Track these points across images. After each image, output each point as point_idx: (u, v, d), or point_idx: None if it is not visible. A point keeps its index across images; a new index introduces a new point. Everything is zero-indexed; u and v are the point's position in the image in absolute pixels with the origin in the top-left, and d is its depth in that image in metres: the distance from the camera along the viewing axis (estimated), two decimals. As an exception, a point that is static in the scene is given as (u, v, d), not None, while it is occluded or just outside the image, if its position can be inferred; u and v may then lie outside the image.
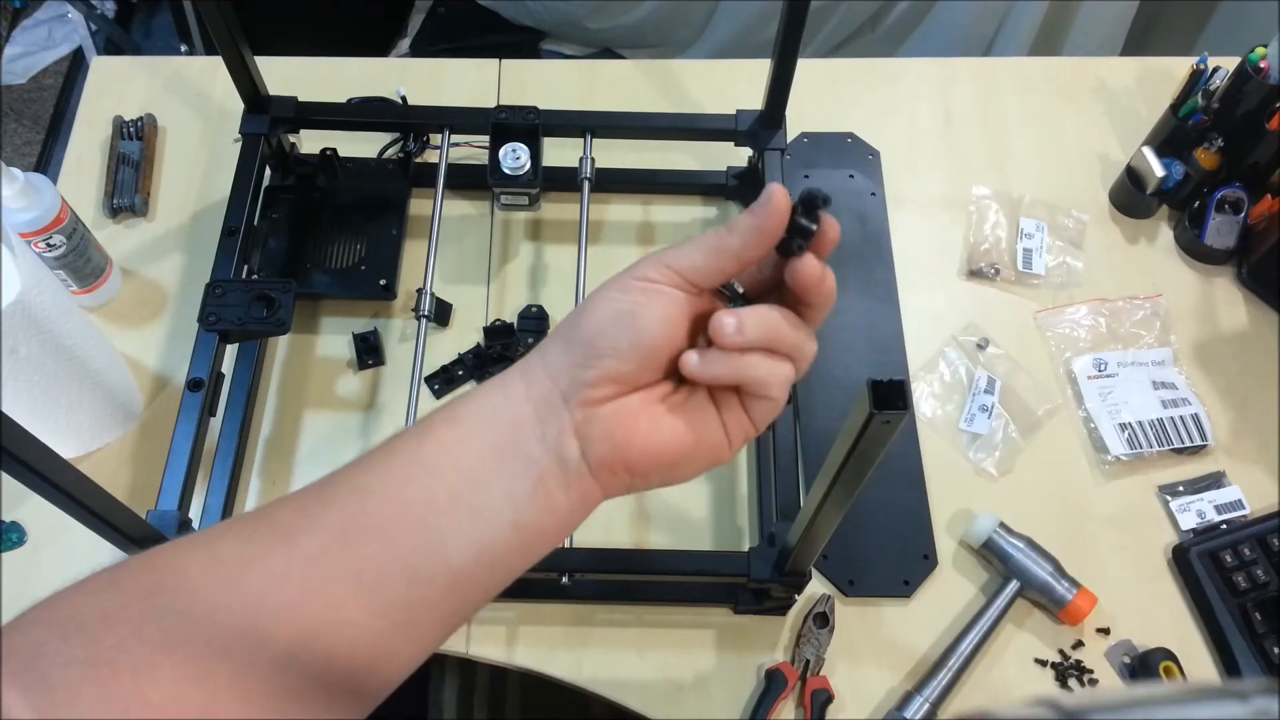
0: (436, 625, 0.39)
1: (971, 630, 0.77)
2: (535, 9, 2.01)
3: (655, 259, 0.39)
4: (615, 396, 0.39)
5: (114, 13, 2.07)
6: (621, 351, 0.38)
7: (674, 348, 0.39)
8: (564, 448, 0.39)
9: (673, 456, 0.40)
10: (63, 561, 0.78)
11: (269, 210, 0.92)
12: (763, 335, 0.39)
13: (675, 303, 0.39)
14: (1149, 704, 0.21)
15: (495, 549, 0.39)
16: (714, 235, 0.39)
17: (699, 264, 0.39)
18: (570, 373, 0.39)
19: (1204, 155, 0.94)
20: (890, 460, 0.84)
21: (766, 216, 0.38)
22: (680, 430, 0.40)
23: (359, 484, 0.39)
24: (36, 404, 0.74)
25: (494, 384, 0.41)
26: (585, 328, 0.39)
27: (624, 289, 0.39)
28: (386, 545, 0.37)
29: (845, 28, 1.88)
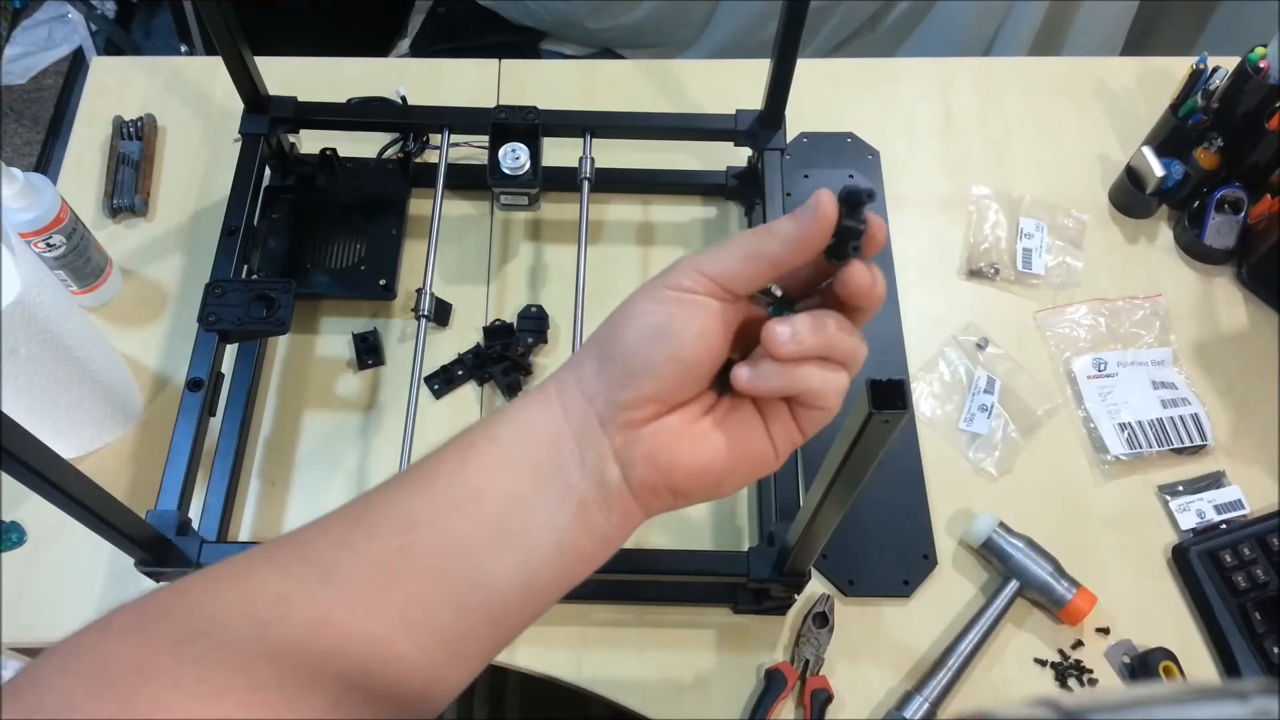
0: (482, 653, 0.39)
1: (971, 630, 0.77)
2: (535, 9, 2.01)
3: (689, 265, 0.37)
4: (655, 417, 0.38)
5: (114, 13, 2.07)
6: (659, 369, 0.37)
7: (714, 359, 0.38)
8: (605, 472, 0.38)
9: (718, 475, 0.39)
10: (63, 561, 0.79)
11: (269, 210, 0.92)
12: (818, 344, 0.37)
13: (711, 312, 0.37)
14: (1149, 704, 0.21)
15: (538, 577, 0.38)
16: (753, 239, 0.37)
17: (736, 271, 0.37)
18: (607, 394, 0.37)
19: (1204, 155, 0.94)
20: (890, 460, 0.84)
21: (813, 223, 0.36)
22: (724, 447, 0.39)
23: (402, 512, 0.37)
24: (36, 404, 0.74)
25: (531, 401, 0.39)
26: (619, 344, 0.37)
27: (657, 299, 0.37)
28: (433, 582, 0.36)
29: (845, 28, 1.88)
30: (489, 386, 0.88)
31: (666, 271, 0.38)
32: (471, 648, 0.38)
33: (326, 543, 0.36)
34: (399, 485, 0.38)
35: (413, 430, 0.76)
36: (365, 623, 0.35)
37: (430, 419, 0.84)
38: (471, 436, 0.39)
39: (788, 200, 0.89)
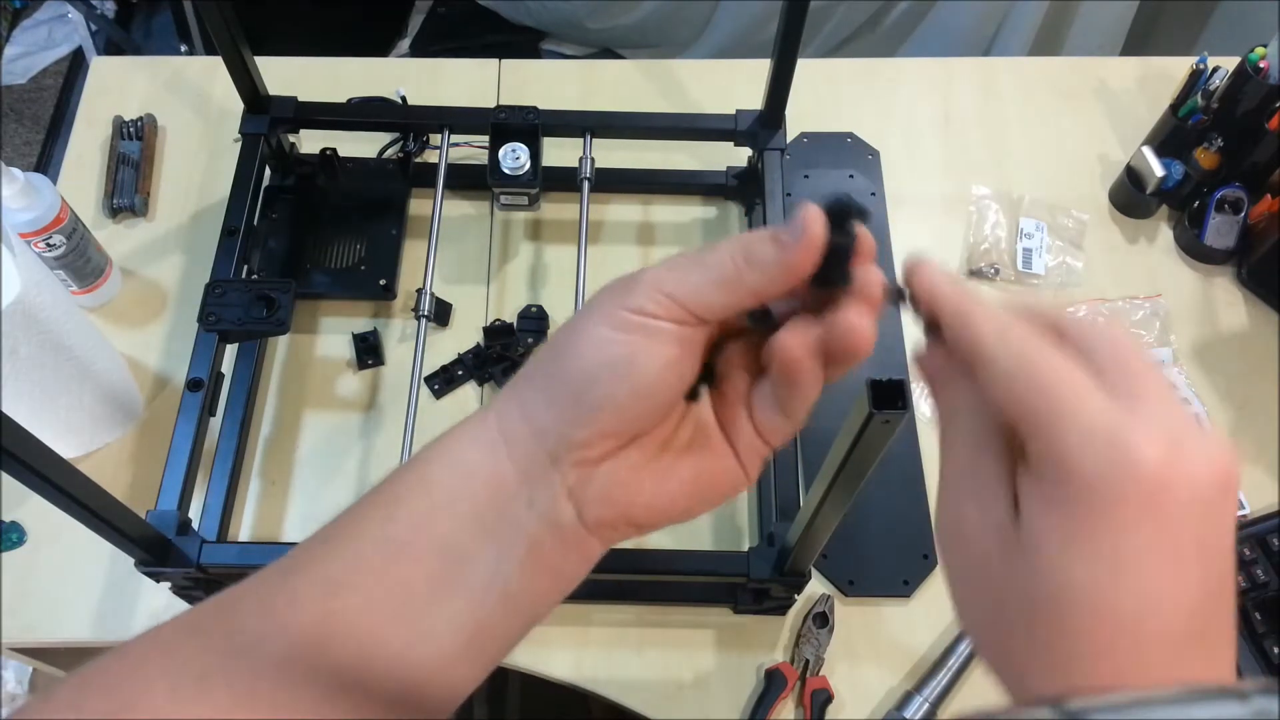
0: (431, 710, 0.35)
1: (971, 630, 0.76)
2: (535, 9, 2.01)
3: (652, 286, 0.32)
4: (613, 453, 0.33)
5: (114, 13, 2.07)
6: (619, 405, 0.32)
7: (682, 388, 0.34)
8: (558, 513, 0.33)
9: (683, 508, 0.35)
10: (63, 561, 0.79)
11: (269, 210, 0.92)
12: None
13: (680, 341, 0.32)
14: (1149, 704, 0.21)
15: (489, 627, 0.34)
16: (730, 264, 0.32)
17: (709, 301, 0.32)
18: (559, 430, 0.33)
19: (1204, 155, 0.94)
20: (890, 460, 0.84)
21: (799, 251, 0.31)
22: (689, 477, 0.35)
23: (325, 576, 0.34)
24: (36, 404, 0.74)
25: (466, 436, 0.35)
26: (573, 376, 0.33)
27: (617, 325, 0.32)
28: (363, 646, 0.33)
29: (845, 28, 1.88)
30: (489, 387, 0.88)
31: (625, 289, 0.33)
32: (420, 699, 0.34)
33: (249, 610, 0.34)
34: (325, 542, 0.35)
35: (413, 431, 0.76)
36: (293, 692, 0.32)
37: (430, 419, 0.84)
38: (398, 487, 0.35)
39: (788, 200, 0.89)
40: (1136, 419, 0.28)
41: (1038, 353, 0.30)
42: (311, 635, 0.33)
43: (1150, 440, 0.28)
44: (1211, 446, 0.28)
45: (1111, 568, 0.28)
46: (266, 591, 0.34)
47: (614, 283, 0.34)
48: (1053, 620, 0.29)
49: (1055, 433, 0.28)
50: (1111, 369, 0.29)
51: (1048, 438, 0.29)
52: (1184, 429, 0.28)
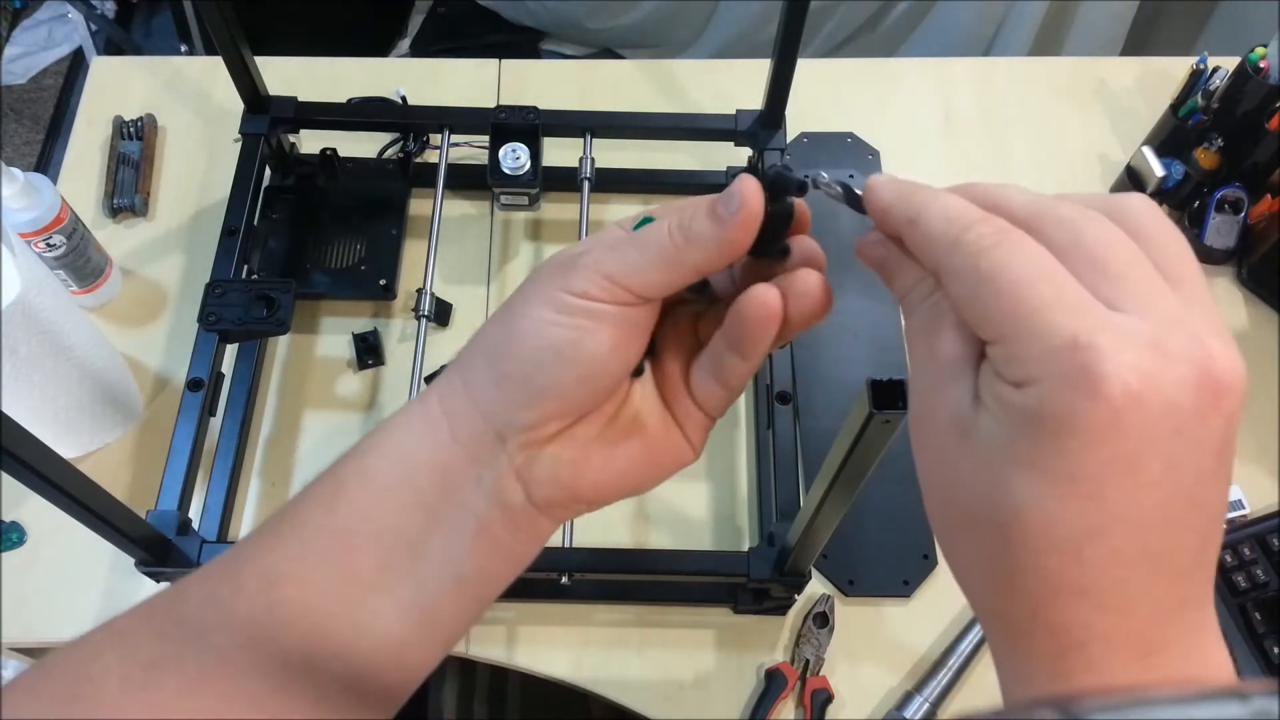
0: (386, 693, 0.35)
1: (971, 630, 0.77)
2: (535, 9, 2.01)
3: (593, 268, 0.32)
4: (559, 433, 0.33)
5: (114, 13, 2.07)
6: (565, 389, 0.32)
7: (629, 367, 0.34)
8: (506, 493, 0.33)
9: (631, 483, 0.36)
10: (63, 561, 0.79)
11: (269, 210, 0.92)
12: None
13: (623, 323, 0.32)
14: (1149, 704, 0.21)
15: (440, 610, 0.34)
16: (666, 241, 0.32)
17: (651, 281, 0.32)
18: (506, 413, 0.33)
19: (1204, 155, 0.94)
20: (890, 460, 0.84)
21: (737, 228, 0.31)
22: (635, 453, 0.35)
23: (267, 567, 0.34)
24: (36, 404, 0.74)
25: (408, 421, 0.34)
26: (518, 359, 0.32)
27: (559, 308, 0.32)
28: (309, 636, 0.33)
29: (845, 28, 1.88)
30: (489, 386, 0.88)
31: (565, 271, 0.33)
32: (371, 687, 0.35)
33: (200, 600, 0.34)
34: (270, 533, 0.35)
35: (413, 430, 0.76)
36: (239, 681, 0.33)
37: (430, 419, 0.84)
38: (340, 474, 0.35)
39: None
40: (1110, 326, 0.25)
41: (1001, 254, 0.27)
42: (257, 625, 0.33)
43: (1120, 351, 0.25)
44: (1201, 353, 0.26)
45: (1059, 488, 0.26)
46: (213, 583, 0.34)
47: (553, 261, 0.34)
48: (994, 530, 0.27)
49: (1018, 341, 0.26)
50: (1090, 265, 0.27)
51: (1011, 346, 0.27)
52: (1170, 332, 0.26)
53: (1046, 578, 0.27)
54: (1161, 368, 0.25)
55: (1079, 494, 0.26)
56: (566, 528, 0.74)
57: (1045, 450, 0.26)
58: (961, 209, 0.29)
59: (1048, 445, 0.26)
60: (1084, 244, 0.27)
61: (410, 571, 0.34)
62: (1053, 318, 0.26)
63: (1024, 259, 0.27)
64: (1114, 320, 0.26)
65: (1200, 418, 0.26)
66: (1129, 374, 0.25)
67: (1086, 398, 0.25)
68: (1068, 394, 0.25)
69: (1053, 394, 0.26)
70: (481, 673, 1.30)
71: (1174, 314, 0.26)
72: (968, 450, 0.28)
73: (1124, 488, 0.26)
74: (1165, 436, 0.25)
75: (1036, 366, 0.26)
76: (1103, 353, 0.25)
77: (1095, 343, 0.25)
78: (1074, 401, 0.25)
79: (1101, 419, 0.25)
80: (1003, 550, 0.27)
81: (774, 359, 0.79)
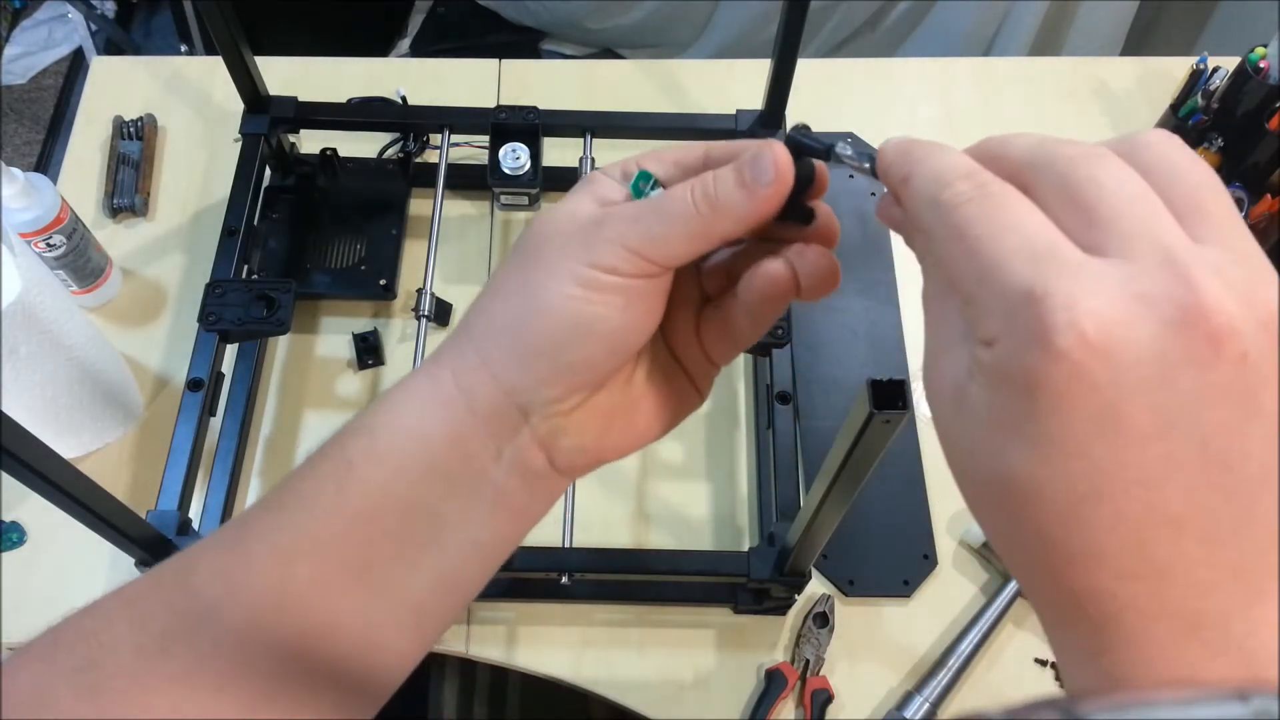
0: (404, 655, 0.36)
1: (971, 630, 0.77)
2: (535, 9, 2.02)
3: (617, 242, 0.31)
4: (584, 401, 0.34)
5: (114, 13, 2.07)
6: (595, 362, 0.32)
7: (649, 334, 0.34)
8: (528, 462, 0.33)
9: (648, 437, 0.36)
10: (63, 561, 0.79)
11: (269, 210, 0.92)
12: None
13: (649, 293, 0.32)
14: (1149, 704, 0.21)
15: (458, 573, 0.35)
16: (692, 211, 0.31)
17: (678, 253, 0.32)
18: (531, 388, 0.32)
19: (1204, 155, 0.94)
20: (890, 460, 0.84)
21: (771, 200, 0.31)
22: (652, 409, 0.36)
23: (280, 542, 0.33)
24: (36, 404, 0.74)
25: (420, 395, 0.34)
26: (543, 335, 0.32)
27: (585, 283, 0.31)
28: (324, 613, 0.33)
29: (845, 28, 1.88)
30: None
31: (586, 242, 0.32)
32: (388, 657, 0.35)
33: (209, 574, 0.33)
34: (276, 509, 0.34)
35: (413, 430, 0.76)
36: (254, 656, 0.33)
37: (430, 419, 0.84)
38: (348, 451, 0.34)
39: (788, 200, 0.89)
40: (1073, 273, 0.24)
41: (975, 208, 0.26)
42: (269, 602, 0.33)
43: (1079, 299, 0.23)
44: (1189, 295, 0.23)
45: (1040, 450, 0.24)
46: (222, 557, 0.34)
47: (568, 229, 0.33)
48: (1000, 500, 0.26)
49: (982, 296, 0.25)
50: (1079, 208, 0.25)
51: (976, 303, 0.25)
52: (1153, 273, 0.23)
53: (1054, 546, 0.25)
54: (1130, 313, 0.23)
55: (1062, 455, 0.24)
56: (566, 528, 0.74)
57: (1018, 412, 0.25)
58: (950, 165, 0.28)
59: (1018, 407, 0.24)
60: (1071, 185, 0.25)
61: (429, 540, 0.33)
62: (1013, 270, 0.24)
63: (993, 210, 0.26)
64: (1082, 266, 0.24)
65: (1196, 366, 0.23)
66: (1086, 322, 0.23)
67: (1040, 352, 0.23)
68: (1024, 350, 0.24)
69: (1012, 352, 0.24)
70: (481, 673, 1.30)
71: (1170, 253, 0.24)
72: (965, 419, 0.27)
73: (1110, 445, 0.24)
74: (1148, 388, 0.23)
75: (997, 323, 0.25)
76: (1055, 303, 0.23)
77: (1049, 291, 0.23)
78: (1029, 358, 0.24)
79: (1062, 374, 0.23)
80: (1011, 520, 0.26)
81: (774, 359, 0.79)
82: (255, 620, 0.33)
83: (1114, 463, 0.24)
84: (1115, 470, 0.24)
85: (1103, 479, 0.24)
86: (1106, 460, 0.24)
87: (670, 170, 0.35)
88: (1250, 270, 0.24)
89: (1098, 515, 0.24)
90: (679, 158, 0.35)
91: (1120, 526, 0.24)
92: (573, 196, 0.35)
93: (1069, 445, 0.24)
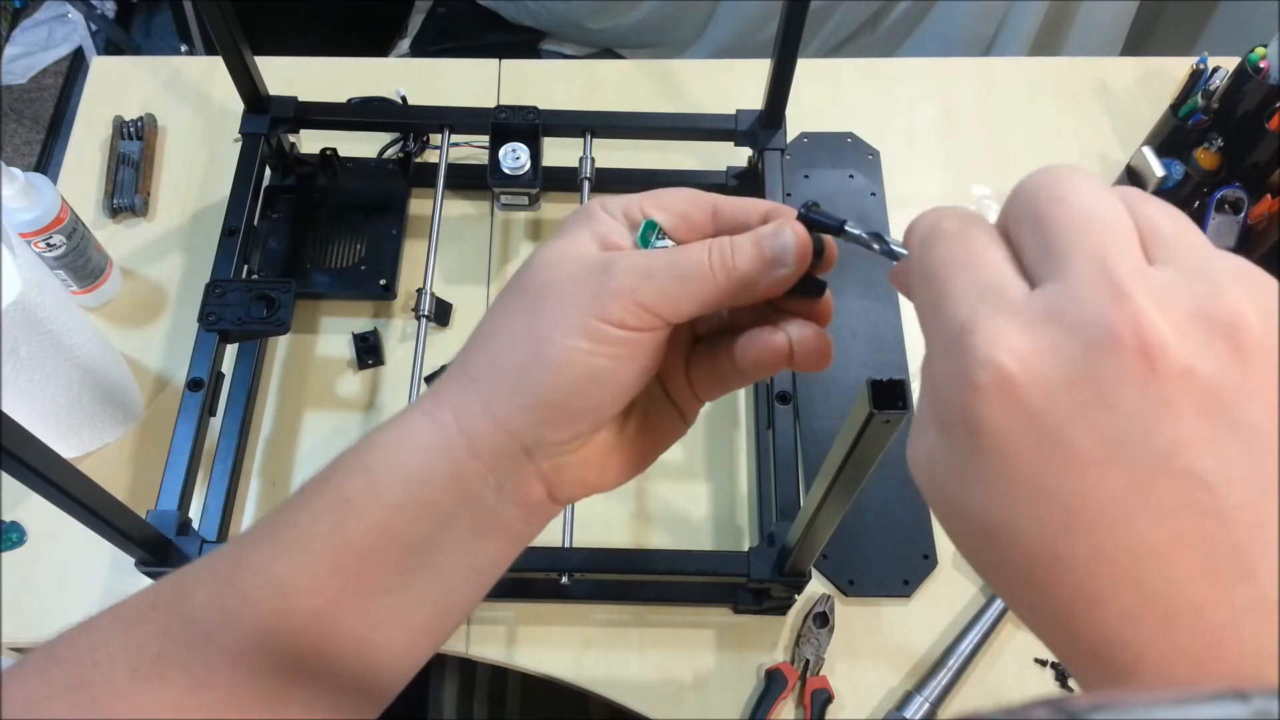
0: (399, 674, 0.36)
1: (971, 630, 0.77)
2: (535, 9, 2.01)
3: (629, 297, 0.32)
4: (587, 440, 0.34)
5: (114, 13, 2.07)
6: (602, 410, 0.33)
7: (650, 378, 0.35)
8: (527, 495, 0.34)
9: (639, 467, 0.37)
10: (63, 561, 0.79)
11: (269, 210, 0.92)
12: None
13: (657, 345, 0.33)
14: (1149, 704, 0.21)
15: (455, 596, 0.36)
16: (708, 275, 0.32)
17: (687, 311, 0.32)
18: (536, 433, 0.33)
19: (1204, 155, 0.94)
20: (890, 460, 0.84)
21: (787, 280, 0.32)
22: (646, 442, 0.37)
23: (274, 576, 0.33)
24: (36, 404, 0.74)
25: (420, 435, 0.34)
26: (555, 388, 0.32)
27: (594, 337, 0.32)
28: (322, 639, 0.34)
29: (845, 28, 1.88)
30: (489, 386, 0.88)
31: (598, 296, 0.32)
32: (383, 676, 0.36)
33: (204, 601, 0.34)
34: (270, 541, 0.34)
35: (413, 430, 0.76)
36: (246, 682, 0.33)
37: (430, 419, 0.84)
38: (345, 491, 0.34)
39: (788, 200, 0.89)
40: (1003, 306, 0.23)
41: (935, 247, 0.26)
42: (266, 631, 0.33)
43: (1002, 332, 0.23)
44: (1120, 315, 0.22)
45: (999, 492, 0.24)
46: (217, 587, 0.34)
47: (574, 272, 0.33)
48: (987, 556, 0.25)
49: (927, 342, 0.25)
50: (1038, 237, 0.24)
51: (927, 347, 0.25)
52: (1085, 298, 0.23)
53: (1047, 592, 0.24)
54: (1052, 339, 0.23)
55: (1022, 493, 0.23)
56: (567, 528, 0.74)
57: (968, 456, 0.24)
58: (950, 209, 0.28)
59: (967, 449, 0.24)
60: (1038, 208, 0.25)
61: (426, 570, 0.34)
62: (953, 307, 0.24)
63: (958, 248, 0.25)
64: (1016, 300, 0.24)
65: (1132, 383, 0.22)
66: (1004, 355, 0.23)
67: (967, 389, 0.23)
68: (958, 389, 0.24)
69: (950, 393, 0.24)
70: (481, 673, 1.30)
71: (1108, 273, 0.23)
72: (936, 479, 0.26)
73: (1063, 475, 0.23)
74: (1087, 411, 0.22)
75: (937, 363, 0.24)
76: (978, 338, 0.23)
77: (976, 326, 0.23)
78: (961, 395, 0.23)
79: (991, 409, 0.23)
80: (1004, 573, 0.25)
81: (774, 359, 0.79)
82: (250, 648, 0.33)
83: (1074, 494, 0.23)
84: (1079, 502, 0.23)
85: (1069, 514, 0.23)
86: (1065, 492, 0.23)
87: (676, 221, 0.35)
88: (1211, 286, 0.23)
89: (1076, 553, 0.23)
90: (685, 209, 0.35)
91: (1103, 563, 0.23)
92: (573, 232, 0.34)
93: (1022, 482, 0.23)
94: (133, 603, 0.35)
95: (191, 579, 0.35)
